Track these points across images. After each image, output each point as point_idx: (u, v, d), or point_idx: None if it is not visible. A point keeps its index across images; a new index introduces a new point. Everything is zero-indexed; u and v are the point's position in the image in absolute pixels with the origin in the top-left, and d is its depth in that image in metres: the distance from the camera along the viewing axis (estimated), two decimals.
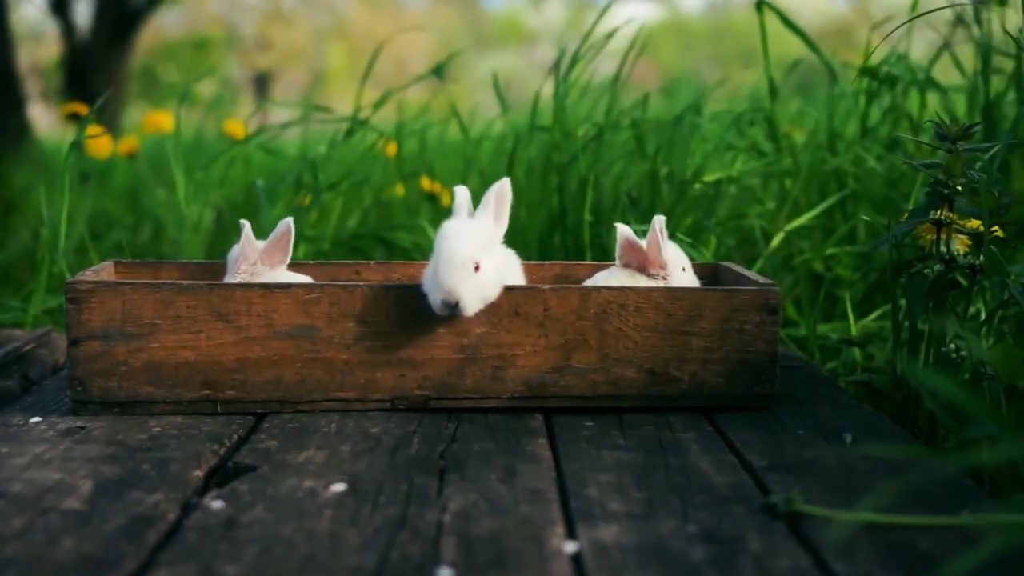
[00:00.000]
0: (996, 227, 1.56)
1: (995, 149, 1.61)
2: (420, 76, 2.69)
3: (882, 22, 2.58)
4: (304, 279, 1.65)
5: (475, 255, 1.47)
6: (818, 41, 2.51)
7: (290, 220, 1.66)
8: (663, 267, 1.64)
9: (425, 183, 2.98)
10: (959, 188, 1.55)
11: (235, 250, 1.69)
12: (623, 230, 1.66)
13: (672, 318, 1.54)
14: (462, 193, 1.60)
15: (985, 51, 2.29)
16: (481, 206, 1.55)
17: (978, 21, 2.43)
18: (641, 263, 1.65)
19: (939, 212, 1.57)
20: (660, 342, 1.54)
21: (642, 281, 1.64)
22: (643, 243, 1.64)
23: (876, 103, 2.59)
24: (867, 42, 2.52)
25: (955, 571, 0.90)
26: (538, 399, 1.54)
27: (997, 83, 2.34)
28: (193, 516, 1.11)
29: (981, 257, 1.54)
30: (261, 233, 1.71)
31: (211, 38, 13.08)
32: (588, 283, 1.68)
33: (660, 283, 1.64)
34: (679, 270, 1.67)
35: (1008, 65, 2.35)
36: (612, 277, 1.67)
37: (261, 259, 1.66)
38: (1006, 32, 2.22)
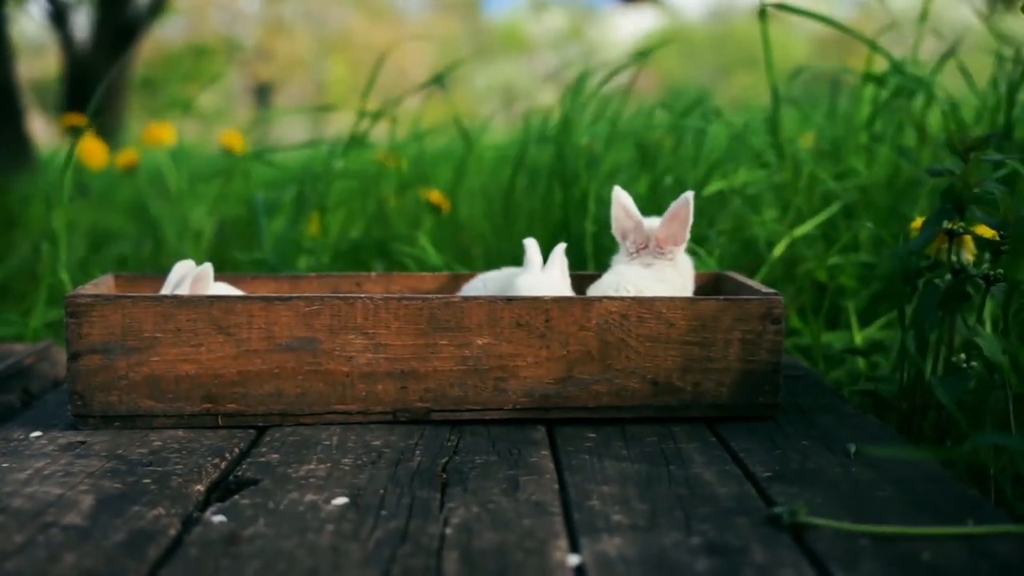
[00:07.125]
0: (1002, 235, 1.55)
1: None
2: (421, 85, 2.70)
3: (887, 28, 2.58)
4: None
5: None
6: (821, 48, 2.51)
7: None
8: (678, 244, 1.68)
9: (428, 194, 2.97)
10: (974, 197, 1.54)
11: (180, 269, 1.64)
12: (620, 195, 1.68)
13: (674, 328, 1.53)
14: (532, 246, 1.72)
15: (1012, 57, 2.28)
16: (550, 262, 1.69)
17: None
18: (627, 232, 1.69)
19: (953, 222, 1.56)
20: (663, 352, 1.53)
21: (648, 271, 1.67)
22: (638, 215, 1.68)
23: (881, 109, 2.59)
24: (872, 47, 2.52)
25: None
26: (540, 410, 1.54)
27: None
28: (194, 531, 1.11)
29: (987, 266, 1.53)
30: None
31: (212, 47, 13.10)
32: (602, 280, 1.70)
33: (662, 263, 1.67)
34: (682, 250, 1.71)
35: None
36: (626, 270, 1.68)
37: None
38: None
